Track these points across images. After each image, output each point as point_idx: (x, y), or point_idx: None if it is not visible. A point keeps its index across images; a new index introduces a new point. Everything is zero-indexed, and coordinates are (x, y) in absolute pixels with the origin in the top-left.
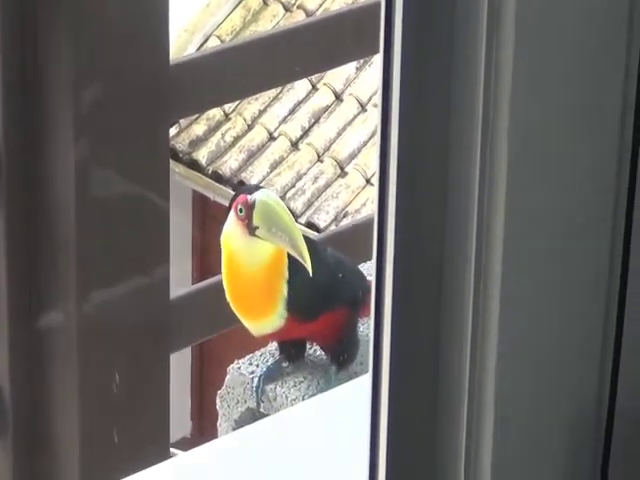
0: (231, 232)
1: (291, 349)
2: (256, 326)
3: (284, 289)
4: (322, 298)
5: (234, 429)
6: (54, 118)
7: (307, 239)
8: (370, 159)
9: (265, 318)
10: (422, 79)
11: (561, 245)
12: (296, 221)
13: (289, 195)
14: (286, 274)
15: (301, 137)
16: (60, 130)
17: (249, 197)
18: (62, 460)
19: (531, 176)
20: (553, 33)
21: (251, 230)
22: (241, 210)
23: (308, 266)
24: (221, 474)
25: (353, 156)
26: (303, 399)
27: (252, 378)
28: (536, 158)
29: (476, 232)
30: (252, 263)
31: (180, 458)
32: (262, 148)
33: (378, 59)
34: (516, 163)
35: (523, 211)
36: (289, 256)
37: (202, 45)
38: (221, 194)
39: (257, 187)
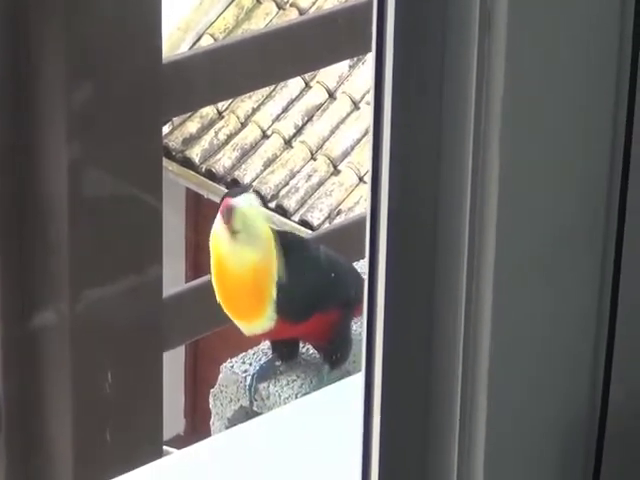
0: (218, 234)
1: (284, 348)
2: (246, 327)
3: (273, 291)
4: (313, 299)
5: (227, 427)
6: (46, 117)
7: (299, 238)
8: (363, 157)
9: (255, 320)
10: (414, 77)
11: (553, 252)
12: (289, 219)
13: (282, 193)
14: (275, 276)
15: (294, 135)
16: (52, 129)
17: (231, 201)
18: (55, 460)
19: (523, 175)
20: (545, 34)
21: (233, 234)
22: (224, 214)
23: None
24: (214, 472)
25: (346, 154)
26: (296, 398)
27: (245, 377)
28: (528, 157)
29: (468, 230)
30: (240, 265)
31: (173, 457)
32: (255, 146)
33: (371, 57)
34: (508, 164)
35: (515, 212)
36: (278, 258)
37: (195, 43)
38: (214, 192)
39: (244, 189)
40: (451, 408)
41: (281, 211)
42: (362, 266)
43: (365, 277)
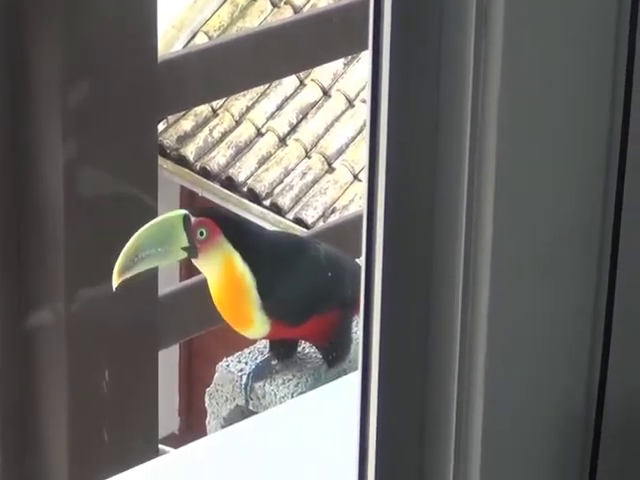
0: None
1: (281, 348)
2: (246, 333)
3: (254, 297)
4: (310, 301)
5: (223, 427)
6: (42, 116)
7: (294, 239)
8: (358, 155)
9: (249, 327)
10: (411, 73)
11: (549, 251)
12: (284, 217)
13: (277, 191)
14: (250, 281)
15: (289, 133)
16: (48, 128)
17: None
18: (51, 459)
19: (520, 173)
20: (542, 30)
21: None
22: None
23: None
24: (210, 472)
25: (341, 152)
26: (292, 397)
27: (241, 376)
28: (525, 155)
29: (465, 229)
30: (217, 274)
31: (169, 456)
32: (250, 144)
33: (366, 55)
34: (504, 162)
35: (512, 211)
36: (251, 262)
37: (189, 41)
38: (209, 190)
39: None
40: (448, 406)
41: (275, 209)
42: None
43: (361, 275)
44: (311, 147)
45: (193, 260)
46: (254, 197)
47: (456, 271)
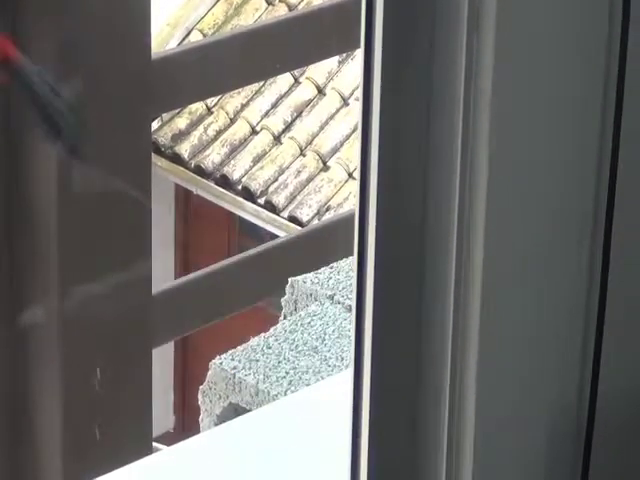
0: None
1: None
2: None
3: None
4: None
5: (216, 424)
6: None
7: None
8: (352, 153)
9: None
10: (403, 73)
11: (543, 252)
12: (278, 215)
13: (272, 189)
14: None
15: (283, 131)
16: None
17: None
18: (44, 456)
19: (512, 174)
20: (533, 32)
21: None
22: None
23: None
24: (203, 469)
25: (335, 150)
26: (285, 394)
27: (234, 374)
28: (517, 156)
29: (457, 228)
30: None
31: (162, 453)
32: (244, 142)
33: (360, 53)
34: (496, 163)
35: (503, 211)
36: None
37: (184, 39)
38: (204, 188)
39: None
40: (440, 405)
41: (270, 207)
42: (350, 263)
43: (354, 274)
44: (306, 145)
45: None
46: (249, 195)
47: (448, 269)
